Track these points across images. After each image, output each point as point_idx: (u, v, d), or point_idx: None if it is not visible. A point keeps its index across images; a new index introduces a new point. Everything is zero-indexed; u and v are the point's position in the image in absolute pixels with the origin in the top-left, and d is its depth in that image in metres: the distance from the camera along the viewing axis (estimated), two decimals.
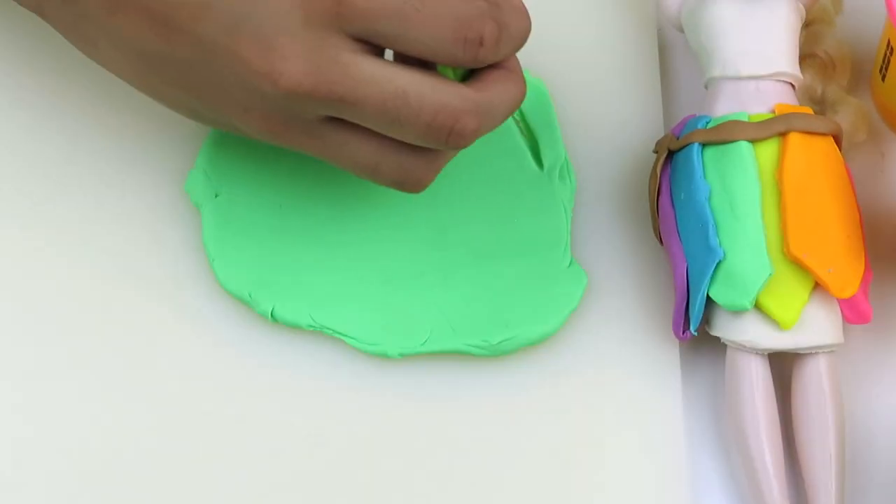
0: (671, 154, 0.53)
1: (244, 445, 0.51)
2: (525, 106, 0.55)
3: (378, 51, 0.45)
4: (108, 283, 0.53)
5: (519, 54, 0.48)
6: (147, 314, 0.53)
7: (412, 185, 0.48)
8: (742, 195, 0.50)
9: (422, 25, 0.44)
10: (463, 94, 0.45)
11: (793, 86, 0.53)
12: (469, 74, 0.46)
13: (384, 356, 0.52)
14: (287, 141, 0.47)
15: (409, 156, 0.47)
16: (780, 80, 0.52)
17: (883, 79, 0.55)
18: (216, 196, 0.53)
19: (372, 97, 0.44)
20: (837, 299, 0.50)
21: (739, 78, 0.52)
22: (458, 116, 0.45)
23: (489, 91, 0.46)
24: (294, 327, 0.52)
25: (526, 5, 0.46)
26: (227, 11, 0.44)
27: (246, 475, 0.51)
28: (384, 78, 0.44)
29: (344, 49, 0.44)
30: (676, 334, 0.51)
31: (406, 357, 0.52)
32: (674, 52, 0.59)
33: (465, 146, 0.46)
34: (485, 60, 0.45)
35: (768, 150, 0.51)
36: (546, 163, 0.54)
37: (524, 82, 0.47)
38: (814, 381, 0.50)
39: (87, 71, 0.57)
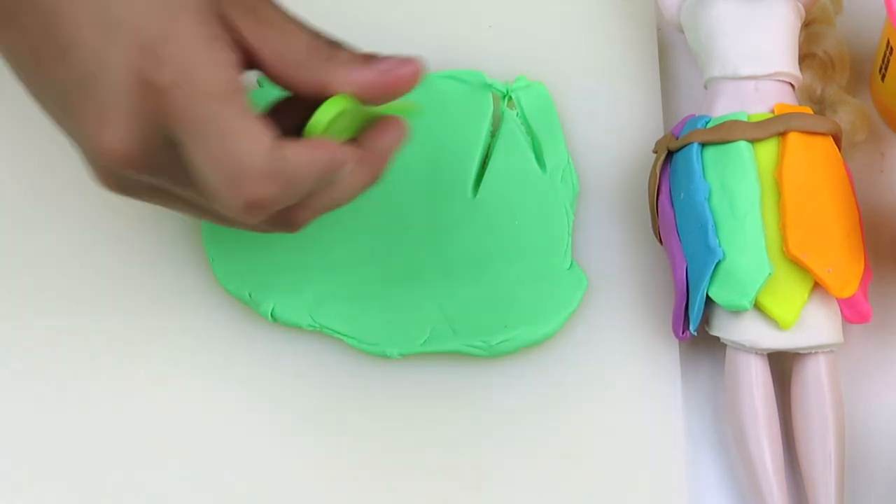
0: (671, 154, 0.53)
1: (244, 445, 0.51)
2: (528, 108, 0.55)
3: None
4: (109, 283, 0.53)
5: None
6: (147, 314, 0.53)
7: (286, 229, 0.47)
8: (741, 195, 0.50)
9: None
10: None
11: (792, 86, 0.53)
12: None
13: (384, 356, 0.52)
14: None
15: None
16: (779, 80, 0.52)
17: (882, 79, 0.55)
18: None
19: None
20: (837, 299, 0.50)
21: (739, 78, 0.52)
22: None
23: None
24: (294, 327, 0.52)
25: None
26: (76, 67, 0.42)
27: (246, 474, 0.51)
28: None
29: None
30: (676, 334, 0.51)
31: (406, 357, 0.52)
32: (674, 52, 0.59)
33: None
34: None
35: (768, 149, 0.51)
36: (548, 165, 0.54)
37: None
38: (813, 381, 0.50)
39: None
